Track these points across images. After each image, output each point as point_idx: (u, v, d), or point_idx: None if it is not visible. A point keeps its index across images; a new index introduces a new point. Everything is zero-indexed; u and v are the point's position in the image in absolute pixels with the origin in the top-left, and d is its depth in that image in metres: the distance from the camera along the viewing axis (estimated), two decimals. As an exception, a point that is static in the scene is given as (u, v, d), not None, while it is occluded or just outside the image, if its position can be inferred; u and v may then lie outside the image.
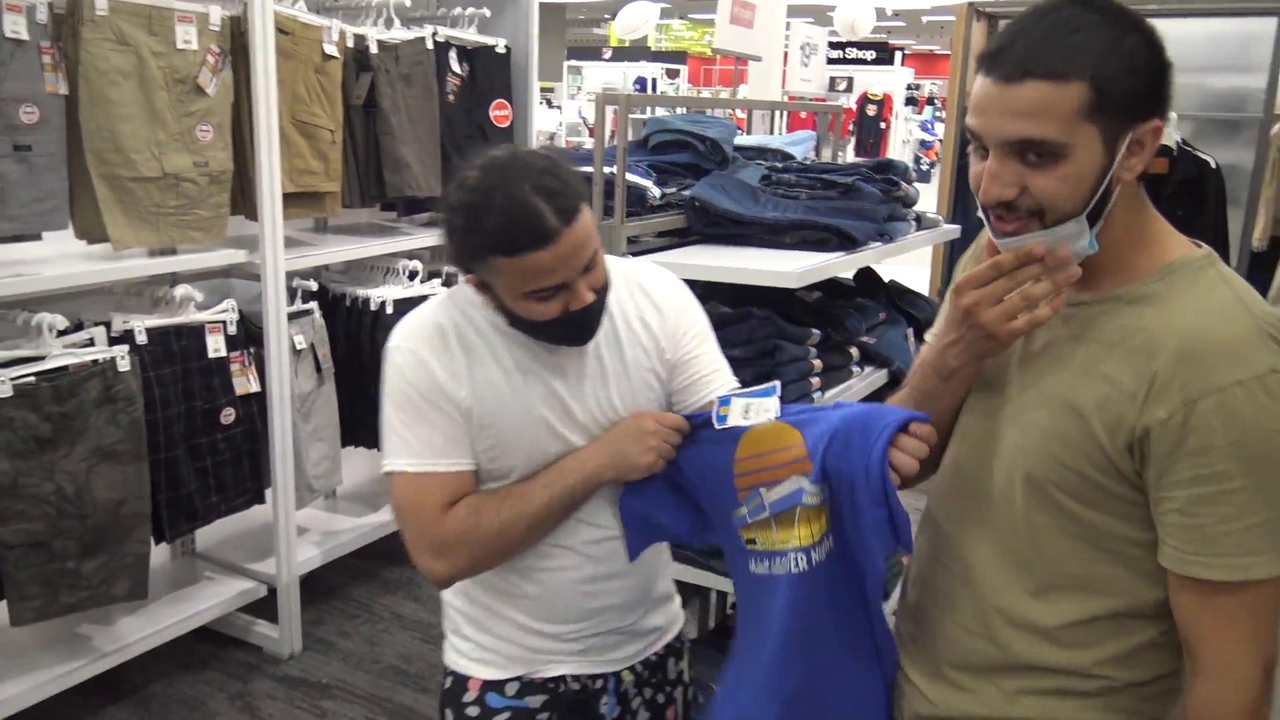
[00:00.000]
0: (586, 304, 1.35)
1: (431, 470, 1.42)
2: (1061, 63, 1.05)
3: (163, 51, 2.58)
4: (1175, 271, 1.14)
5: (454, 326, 1.44)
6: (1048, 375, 1.19)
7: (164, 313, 2.75)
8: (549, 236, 1.27)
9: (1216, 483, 1.06)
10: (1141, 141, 1.09)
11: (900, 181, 2.57)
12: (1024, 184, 1.09)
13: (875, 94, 12.15)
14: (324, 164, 3.07)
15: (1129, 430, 1.10)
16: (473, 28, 3.62)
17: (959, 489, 1.30)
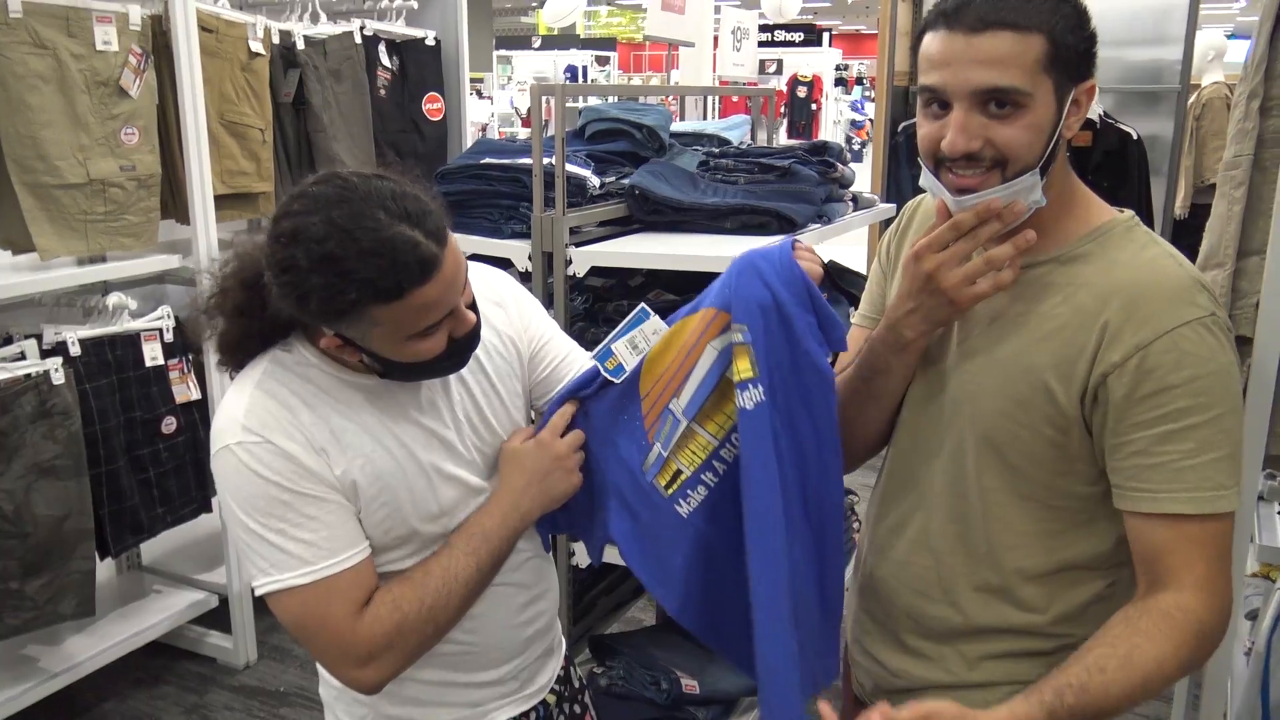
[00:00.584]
0: (471, 324, 1.22)
1: (330, 574, 1.19)
2: (1022, 15, 1.09)
3: (82, 54, 2.51)
4: (1106, 233, 1.19)
5: (297, 397, 1.21)
6: (995, 340, 1.21)
7: (97, 322, 2.69)
8: (432, 265, 1.11)
9: (1175, 420, 1.09)
10: (1079, 100, 1.14)
11: (836, 163, 2.60)
12: (987, 136, 1.11)
13: (805, 76, 12.25)
14: (255, 164, 3.01)
15: (1083, 379, 1.13)
16: (400, 20, 3.57)
17: (910, 458, 1.32)
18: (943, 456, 1.27)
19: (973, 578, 1.26)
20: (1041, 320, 1.17)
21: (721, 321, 1.27)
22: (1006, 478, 1.21)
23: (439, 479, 1.29)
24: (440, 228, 1.14)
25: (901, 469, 1.35)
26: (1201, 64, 5.51)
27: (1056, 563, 1.22)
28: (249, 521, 1.18)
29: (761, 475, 1.24)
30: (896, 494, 1.36)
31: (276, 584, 1.18)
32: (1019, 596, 1.24)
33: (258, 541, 1.18)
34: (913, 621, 1.32)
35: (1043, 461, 1.19)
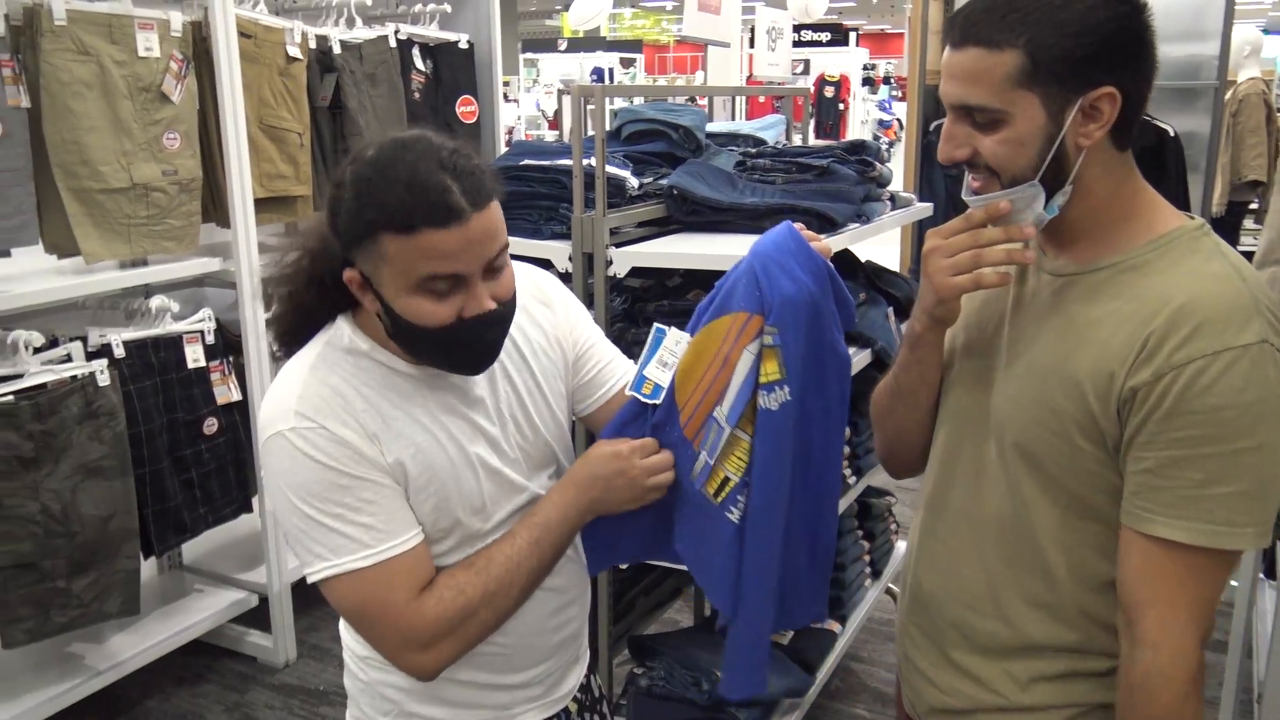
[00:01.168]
0: (485, 311, 1.16)
1: (388, 557, 1.18)
2: (998, 30, 1.07)
3: (125, 60, 2.55)
4: (1171, 241, 1.13)
5: (348, 383, 1.21)
6: (1038, 346, 1.18)
7: (140, 325, 2.72)
8: (454, 215, 1.10)
9: (1193, 446, 1.04)
10: (1097, 107, 1.09)
11: (874, 162, 2.59)
12: (974, 146, 1.12)
13: (832, 75, 12.20)
14: (294, 167, 3.04)
15: (1117, 393, 1.09)
16: (434, 24, 3.60)
17: (955, 465, 1.29)
18: (988, 463, 1.24)
19: (1024, 591, 1.21)
20: (1088, 328, 1.13)
21: (756, 325, 1.26)
22: (1045, 488, 1.17)
23: (485, 472, 1.28)
24: (480, 190, 1.13)
25: (947, 475, 1.31)
26: (1238, 59, 5.45)
27: (1107, 578, 1.16)
28: (304, 507, 1.17)
29: (774, 474, 1.29)
30: (942, 500, 1.32)
31: (335, 569, 1.17)
32: (1071, 612, 1.19)
33: (313, 527, 1.17)
34: (960, 636, 1.28)
35: (1079, 474, 1.14)
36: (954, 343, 1.32)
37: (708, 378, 1.29)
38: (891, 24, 26.09)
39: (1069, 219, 1.15)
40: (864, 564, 2.92)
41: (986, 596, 1.25)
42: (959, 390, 1.30)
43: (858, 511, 2.92)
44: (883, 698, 2.99)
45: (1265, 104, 5.73)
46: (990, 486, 1.24)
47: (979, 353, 1.27)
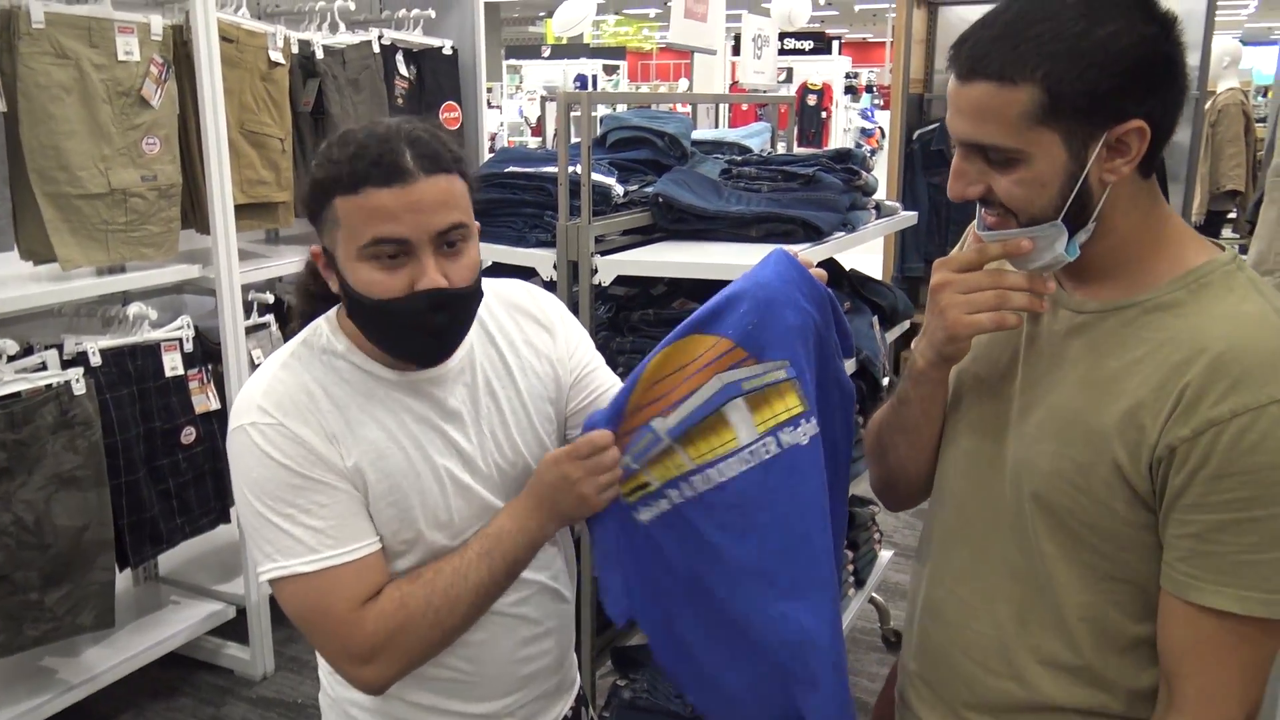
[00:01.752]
0: (435, 285, 1.12)
1: (334, 564, 1.15)
2: (1010, 63, 0.97)
3: (104, 64, 2.51)
4: (1203, 278, 1.04)
5: (317, 383, 1.19)
6: (1058, 390, 1.10)
7: (117, 332, 2.68)
8: (399, 175, 1.09)
9: (1242, 509, 0.97)
10: (1125, 141, 0.99)
11: (860, 171, 2.58)
12: (988, 183, 1.04)
13: (815, 84, 12.24)
14: (275, 173, 3.01)
15: (1150, 448, 1.01)
16: (418, 30, 3.57)
17: (966, 513, 1.22)
18: (1002, 513, 1.16)
19: (1039, 649, 1.14)
20: (1114, 376, 1.05)
21: (736, 356, 1.22)
22: (1068, 546, 1.10)
23: (453, 487, 1.24)
24: (435, 159, 1.12)
25: (955, 520, 1.24)
26: (1217, 70, 5.51)
27: (1130, 639, 1.10)
28: (257, 504, 1.16)
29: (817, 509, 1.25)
30: (950, 546, 1.25)
31: (281, 570, 1.15)
32: (1091, 673, 1.12)
33: (265, 526, 1.16)
34: (970, 692, 1.21)
35: (1107, 533, 1.07)
36: (961, 378, 1.24)
37: (665, 388, 1.25)
38: (874, 33, 26.24)
39: (1091, 254, 1.07)
40: (848, 573, 2.91)
41: (998, 654, 1.18)
42: (970, 433, 1.22)
43: (842, 521, 2.91)
44: (865, 708, 2.97)
45: (1244, 114, 5.80)
46: (1004, 538, 1.16)
47: (992, 393, 1.19)
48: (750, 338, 1.22)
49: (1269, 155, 2.70)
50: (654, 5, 21.21)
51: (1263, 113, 8.12)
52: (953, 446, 1.25)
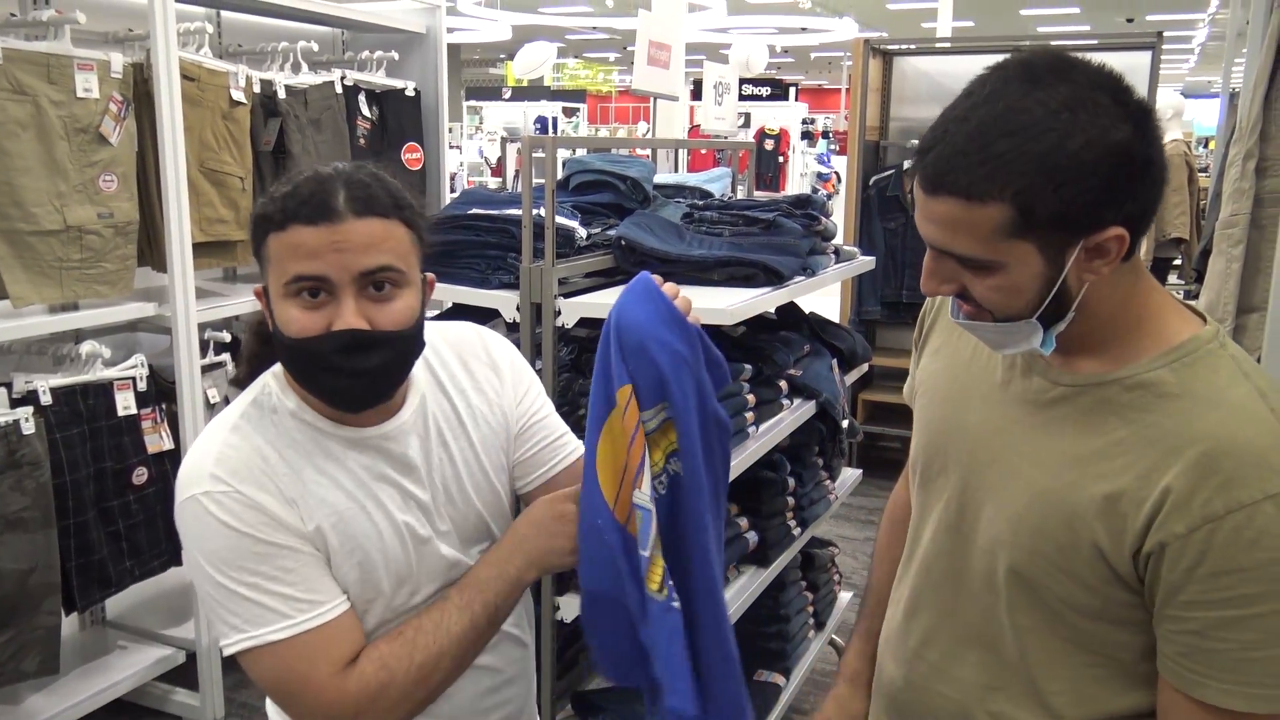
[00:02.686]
0: (350, 326, 1.08)
1: (309, 628, 1.11)
2: (977, 181, 0.93)
3: (62, 100, 2.49)
4: (1186, 357, 1.02)
5: (270, 445, 1.16)
6: (1038, 467, 1.08)
7: (69, 371, 2.63)
8: (325, 213, 1.07)
9: (1242, 606, 0.95)
10: (1104, 246, 0.96)
11: (819, 216, 2.63)
12: (962, 283, 1.02)
13: (772, 129, 12.43)
14: (235, 212, 2.99)
15: (1137, 537, 0.99)
16: (381, 71, 3.59)
17: (933, 577, 1.22)
18: (971, 582, 1.16)
19: (1001, 717, 1.14)
20: (1098, 457, 1.03)
21: (635, 406, 1.16)
22: (1046, 620, 1.09)
23: (413, 543, 1.21)
24: (370, 201, 1.09)
25: (924, 582, 1.24)
26: (1161, 122, 5.67)
27: (1104, 713, 1.09)
28: (218, 576, 1.10)
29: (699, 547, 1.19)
30: (921, 605, 1.24)
31: (252, 640, 1.09)
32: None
33: (228, 597, 1.10)
34: None
35: (1087, 610, 1.06)
36: (940, 439, 1.22)
37: (626, 466, 1.16)
38: (829, 80, 26.77)
39: (1071, 333, 1.04)
40: (808, 615, 2.91)
41: (959, 716, 1.18)
42: (945, 499, 1.20)
43: (801, 563, 2.92)
44: (827, 752, 2.96)
45: (1187, 164, 5.97)
46: (971, 607, 1.16)
47: (969, 459, 1.16)
48: (639, 386, 1.15)
49: (1212, 205, 2.79)
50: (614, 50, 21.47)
51: (1204, 163, 8.38)
52: (928, 510, 1.24)
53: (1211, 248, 2.45)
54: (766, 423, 2.39)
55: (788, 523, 2.55)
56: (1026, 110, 0.92)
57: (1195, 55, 20.01)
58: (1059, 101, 0.92)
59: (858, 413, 5.17)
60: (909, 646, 1.25)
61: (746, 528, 2.38)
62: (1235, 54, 4.75)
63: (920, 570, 1.25)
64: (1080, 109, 0.92)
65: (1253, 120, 1.78)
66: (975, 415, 1.17)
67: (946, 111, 0.98)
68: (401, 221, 1.13)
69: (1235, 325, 1.78)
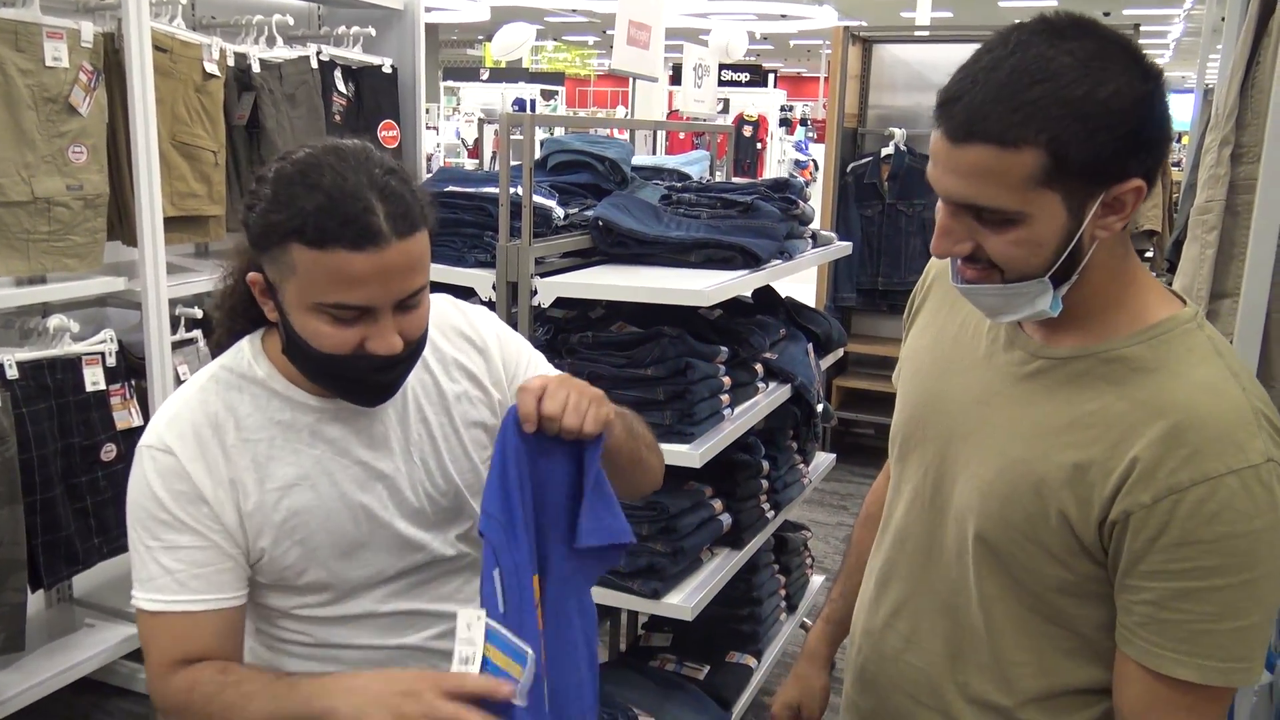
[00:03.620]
0: (392, 352, 1.09)
1: (169, 610, 1.12)
2: (1012, 126, 0.93)
3: (31, 69, 2.44)
4: (1163, 335, 1.03)
5: (231, 413, 1.16)
6: (1010, 435, 1.09)
7: (36, 345, 2.59)
8: (371, 238, 1.03)
9: (1200, 578, 0.97)
10: (1122, 200, 0.97)
11: (797, 200, 2.63)
12: (977, 241, 1.01)
13: (751, 115, 12.43)
14: (207, 186, 2.95)
15: (1103, 507, 1.01)
16: (357, 47, 3.54)
17: (907, 548, 1.23)
18: (943, 551, 1.17)
19: (967, 688, 1.16)
20: (1069, 428, 1.04)
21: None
22: (1010, 589, 1.10)
23: (368, 525, 1.21)
24: (407, 217, 1.06)
25: (897, 554, 1.25)
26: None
27: (1063, 686, 1.11)
28: (133, 526, 1.16)
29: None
30: (890, 578, 1.26)
31: (134, 597, 1.15)
32: (1013, 716, 1.13)
33: (134, 549, 1.16)
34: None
35: (1051, 581, 1.07)
36: (918, 410, 1.23)
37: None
38: (808, 68, 26.76)
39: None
40: (780, 598, 2.93)
41: (929, 688, 1.20)
42: (920, 470, 1.21)
43: (774, 546, 2.93)
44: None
45: (1160, 157, 6.00)
46: (942, 576, 1.18)
47: (947, 425, 1.18)
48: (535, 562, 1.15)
49: (1185, 196, 2.82)
50: (593, 33, 21.36)
51: (1177, 157, 8.42)
52: (904, 482, 1.25)
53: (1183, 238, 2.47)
54: (742, 405, 2.39)
55: (761, 505, 2.56)
56: (1057, 59, 0.93)
57: (1170, 50, 20.15)
58: (1087, 53, 0.93)
59: (833, 399, 5.19)
60: (880, 617, 1.27)
61: (720, 510, 2.39)
62: (1210, 49, 4.79)
63: (894, 542, 1.26)
64: (1109, 60, 0.94)
65: (1229, 107, 1.79)
66: (956, 388, 1.18)
67: (968, 65, 0.98)
68: (427, 226, 1.12)
69: (1208, 310, 1.80)
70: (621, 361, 2.17)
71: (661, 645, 2.73)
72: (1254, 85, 1.74)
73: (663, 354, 2.14)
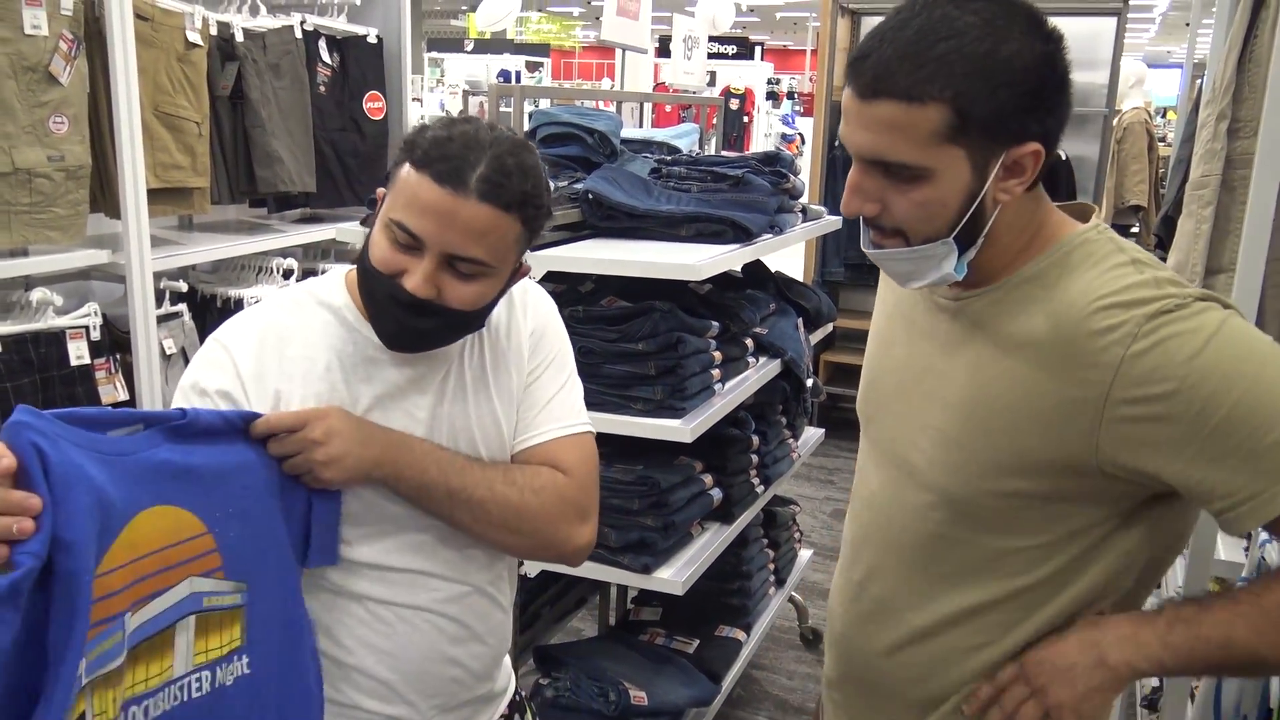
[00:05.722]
0: (411, 289, 1.13)
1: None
2: (918, 82, 0.96)
3: (9, 37, 2.39)
4: (1064, 247, 1.07)
5: (299, 329, 1.23)
6: (950, 380, 1.12)
7: (19, 319, 2.56)
8: (456, 181, 1.09)
9: (1213, 413, 0.95)
10: (1021, 163, 1.01)
11: (788, 174, 2.62)
12: (884, 202, 1.04)
13: (737, 88, 12.35)
14: (191, 158, 2.91)
15: (1086, 430, 1.01)
16: (342, 17, 3.50)
17: (876, 515, 1.25)
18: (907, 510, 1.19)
19: (933, 598, 1.18)
20: (999, 361, 1.07)
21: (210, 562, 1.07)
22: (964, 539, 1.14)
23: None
24: (498, 192, 1.10)
25: (872, 520, 1.27)
26: (1123, 89, 5.71)
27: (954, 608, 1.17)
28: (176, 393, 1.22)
29: None
30: (864, 544, 1.28)
31: None
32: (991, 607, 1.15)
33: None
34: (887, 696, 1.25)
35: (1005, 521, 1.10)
36: (873, 369, 1.28)
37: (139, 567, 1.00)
38: (794, 41, 26.60)
39: (974, 261, 1.08)
40: (769, 572, 2.94)
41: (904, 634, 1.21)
42: (882, 431, 1.25)
43: (763, 520, 2.94)
44: (784, 705, 3.01)
45: (1147, 132, 6.02)
46: (908, 534, 1.19)
47: (896, 387, 1.22)
48: (224, 538, 1.08)
49: (1174, 172, 2.82)
50: (578, 4, 21.17)
51: (1162, 132, 8.45)
52: (870, 451, 1.27)
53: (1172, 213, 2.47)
54: (732, 380, 2.39)
55: (751, 480, 2.56)
56: (962, 19, 0.97)
57: (1156, 25, 20.13)
58: (991, 13, 0.97)
59: (820, 374, 5.20)
60: (853, 583, 1.28)
61: (711, 484, 2.39)
62: (1200, 22, 4.78)
63: (863, 509, 1.28)
64: (1011, 21, 0.98)
65: (1226, 81, 1.79)
66: (900, 352, 1.22)
67: (879, 26, 1.02)
68: (520, 219, 1.15)
69: (1203, 286, 1.80)
70: (613, 336, 2.16)
71: (651, 619, 2.74)
72: (1251, 59, 1.74)
73: (654, 329, 2.14)
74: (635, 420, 2.12)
